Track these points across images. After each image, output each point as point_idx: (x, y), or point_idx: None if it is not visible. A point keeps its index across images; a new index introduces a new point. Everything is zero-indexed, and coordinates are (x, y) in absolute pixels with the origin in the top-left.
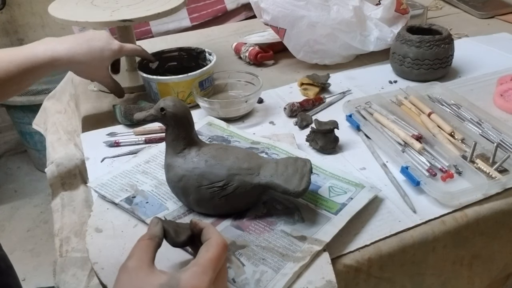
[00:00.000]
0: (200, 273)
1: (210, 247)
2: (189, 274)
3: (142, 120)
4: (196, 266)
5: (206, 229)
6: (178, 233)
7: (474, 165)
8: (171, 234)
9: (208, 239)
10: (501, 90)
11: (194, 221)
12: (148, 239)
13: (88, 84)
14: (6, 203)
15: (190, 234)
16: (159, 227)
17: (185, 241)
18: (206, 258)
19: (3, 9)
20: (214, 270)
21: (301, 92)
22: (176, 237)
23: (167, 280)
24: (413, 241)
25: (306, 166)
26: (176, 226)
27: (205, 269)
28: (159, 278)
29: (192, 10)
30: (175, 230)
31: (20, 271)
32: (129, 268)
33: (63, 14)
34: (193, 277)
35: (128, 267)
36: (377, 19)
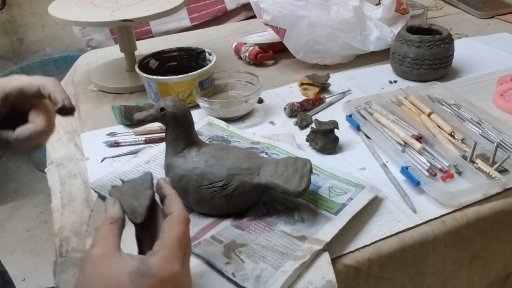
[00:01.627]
0: (169, 257)
1: (173, 224)
2: (158, 258)
3: (142, 120)
4: (164, 249)
5: (169, 199)
6: (135, 212)
7: (474, 165)
8: (128, 216)
9: (170, 212)
10: (501, 90)
11: (159, 183)
12: (110, 224)
13: (88, 84)
14: (6, 203)
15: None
16: (118, 207)
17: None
18: (172, 238)
19: (3, 9)
20: (181, 249)
21: (301, 92)
22: (133, 218)
23: (137, 267)
24: (413, 241)
25: (306, 166)
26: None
27: (174, 252)
28: (128, 265)
29: (192, 10)
30: (131, 208)
31: (20, 271)
32: (94, 257)
33: (63, 14)
34: (164, 261)
35: (93, 255)
36: (377, 19)
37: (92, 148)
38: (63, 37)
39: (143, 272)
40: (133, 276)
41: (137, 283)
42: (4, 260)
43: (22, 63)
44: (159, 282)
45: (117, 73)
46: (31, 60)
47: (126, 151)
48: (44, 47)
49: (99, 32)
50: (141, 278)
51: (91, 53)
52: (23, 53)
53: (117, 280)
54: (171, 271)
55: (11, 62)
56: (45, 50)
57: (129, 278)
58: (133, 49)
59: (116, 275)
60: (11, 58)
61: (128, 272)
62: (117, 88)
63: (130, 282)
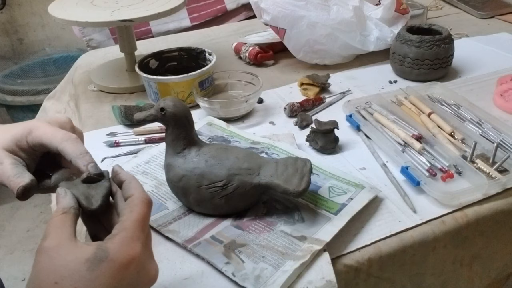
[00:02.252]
0: (130, 239)
1: (134, 206)
2: (118, 242)
3: (142, 120)
4: (124, 231)
5: (128, 183)
6: (90, 199)
7: (474, 165)
8: (82, 202)
9: (130, 195)
10: (501, 90)
11: (115, 170)
12: (62, 214)
13: (88, 84)
14: (6, 203)
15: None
16: (69, 196)
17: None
18: (132, 220)
19: (3, 9)
20: (143, 231)
21: (301, 92)
22: (88, 204)
23: (93, 253)
24: (413, 241)
25: (306, 166)
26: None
27: (135, 233)
28: (84, 252)
29: (192, 10)
30: (86, 196)
31: (20, 271)
32: (47, 249)
33: (63, 14)
34: (124, 244)
35: (45, 247)
36: (377, 19)
37: (92, 148)
38: (63, 37)
39: (101, 257)
40: (90, 263)
41: (95, 269)
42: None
43: (22, 63)
44: (119, 267)
45: (117, 73)
46: (31, 60)
47: (126, 151)
48: (44, 47)
49: (99, 32)
50: (98, 263)
51: (91, 53)
52: (23, 53)
53: (73, 269)
54: (132, 255)
55: (11, 62)
56: (45, 50)
57: (86, 266)
58: (133, 49)
59: (70, 264)
60: (11, 58)
61: (84, 259)
62: (117, 88)
63: (87, 269)
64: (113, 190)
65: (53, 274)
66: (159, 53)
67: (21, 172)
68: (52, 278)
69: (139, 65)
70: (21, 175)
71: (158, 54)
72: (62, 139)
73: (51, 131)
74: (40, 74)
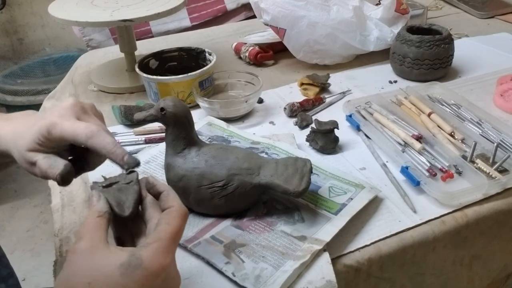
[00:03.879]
0: (163, 250)
1: (172, 219)
2: (152, 251)
3: (142, 120)
4: (159, 242)
5: (166, 194)
6: (122, 205)
7: (474, 165)
8: (114, 209)
9: (168, 207)
10: (501, 90)
11: (151, 181)
12: (97, 217)
13: (88, 84)
14: (6, 203)
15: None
16: (103, 201)
17: (133, 212)
18: (168, 232)
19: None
20: (176, 244)
21: (301, 92)
22: (120, 210)
23: (127, 259)
24: (413, 241)
25: (306, 166)
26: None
27: (168, 245)
28: (119, 257)
29: (192, 10)
30: (118, 202)
31: (20, 271)
32: (81, 250)
33: (63, 14)
34: (157, 254)
35: (79, 249)
36: (377, 19)
37: None
38: (63, 37)
39: (135, 264)
40: (124, 269)
41: (128, 275)
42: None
43: (22, 63)
44: (151, 275)
45: (117, 73)
46: (31, 60)
47: None
48: (44, 47)
49: (99, 32)
50: (132, 270)
51: (91, 53)
52: (23, 53)
53: (106, 273)
54: (163, 264)
55: (11, 62)
56: (45, 50)
57: (120, 271)
58: (133, 49)
59: (104, 268)
60: (11, 58)
61: (118, 265)
62: (117, 88)
63: (121, 274)
64: (142, 195)
65: (87, 275)
66: (159, 53)
67: (53, 162)
68: (86, 279)
69: (139, 65)
70: (54, 164)
71: (158, 54)
72: (86, 137)
73: (71, 127)
74: (40, 74)
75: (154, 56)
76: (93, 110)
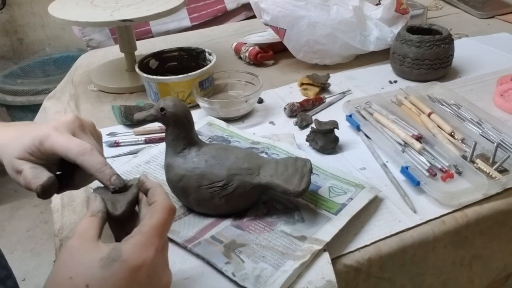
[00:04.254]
0: (144, 243)
1: (154, 212)
2: (132, 244)
3: (142, 120)
4: (139, 235)
5: (152, 190)
6: (116, 205)
7: (474, 165)
8: (108, 208)
9: (153, 202)
10: (501, 90)
11: (141, 179)
12: (90, 216)
13: (88, 84)
14: (6, 203)
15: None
16: (99, 201)
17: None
18: (150, 225)
19: (3, 9)
20: (160, 237)
21: (301, 92)
22: (113, 209)
23: (108, 253)
24: (413, 241)
25: (306, 166)
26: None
27: (150, 238)
28: (100, 251)
29: (192, 10)
30: (113, 201)
31: (20, 271)
32: (70, 247)
33: (63, 14)
34: (137, 247)
35: (69, 246)
36: (377, 19)
37: None
38: (63, 37)
39: (114, 257)
40: (103, 262)
41: (107, 268)
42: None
43: (22, 63)
44: (130, 269)
45: (117, 73)
46: (31, 60)
47: (126, 151)
48: (44, 47)
49: (99, 32)
50: (111, 262)
51: (91, 53)
52: (23, 53)
53: (87, 266)
54: (144, 258)
55: (11, 62)
56: (45, 50)
57: (99, 264)
58: (133, 49)
59: (86, 261)
60: (11, 58)
61: (99, 258)
62: (117, 88)
63: (100, 267)
64: (139, 198)
65: (69, 270)
66: (159, 53)
67: (39, 173)
68: (68, 273)
69: (139, 65)
70: (39, 175)
71: (158, 54)
72: (78, 153)
73: (64, 142)
74: (40, 74)
75: (154, 56)
76: (91, 128)
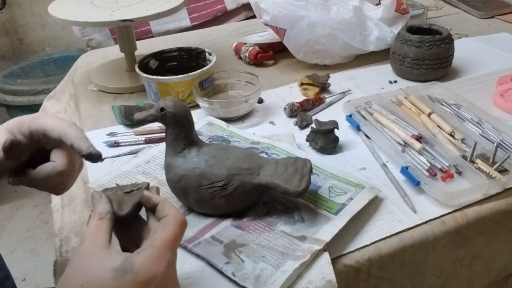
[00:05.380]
0: (156, 257)
1: (167, 226)
2: (144, 257)
3: (142, 120)
4: (152, 248)
5: (162, 205)
6: (122, 205)
7: (474, 165)
8: (113, 207)
9: (164, 216)
10: (501, 90)
11: (146, 195)
12: (99, 219)
13: (88, 84)
14: (6, 203)
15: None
16: (104, 200)
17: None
18: (163, 239)
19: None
20: (172, 251)
21: (301, 92)
22: (118, 209)
23: (120, 264)
24: (413, 241)
25: (306, 166)
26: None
27: (162, 252)
28: (113, 261)
29: (192, 10)
30: (119, 201)
31: (20, 271)
32: (82, 252)
33: (63, 14)
34: (149, 260)
35: (81, 251)
36: (377, 19)
37: None
38: (63, 37)
39: (126, 268)
40: (116, 273)
41: (119, 279)
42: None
43: (22, 63)
44: (141, 282)
45: (117, 73)
46: (31, 60)
47: (126, 151)
48: (44, 47)
49: (99, 32)
50: (123, 274)
51: (91, 53)
52: (23, 53)
53: (99, 276)
54: (155, 272)
55: (11, 62)
56: (45, 50)
57: (111, 274)
58: (133, 49)
59: (98, 270)
60: (11, 58)
61: (111, 268)
62: (117, 88)
63: (112, 278)
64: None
65: (81, 277)
66: (159, 53)
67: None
68: (79, 281)
69: (139, 65)
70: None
71: (158, 54)
72: (65, 125)
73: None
74: (40, 74)
75: (154, 56)
76: None
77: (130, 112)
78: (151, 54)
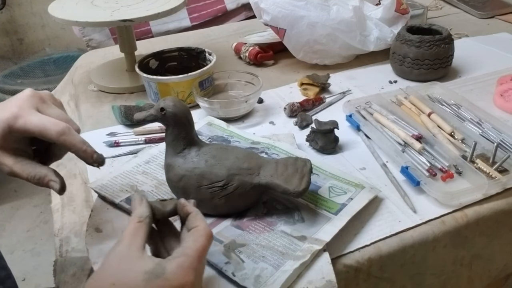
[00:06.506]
0: (187, 265)
1: (198, 237)
2: (176, 264)
3: (142, 120)
4: (184, 257)
5: (193, 216)
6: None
7: (474, 165)
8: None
9: (195, 226)
10: (501, 90)
11: (182, 202)
12: (138, 222)
13: (88, 84)
14: (6, 203)
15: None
16: (145, 205)
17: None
18: (194, 249)
19: (3, 9)
20: (200, 261)
21: (301, 92)
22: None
23: (152, 268)
24: (413, 241)
25: (306, 166)
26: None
27: (193, 261)
28: (146, 264)
29: (192, 10)
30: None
31: (20, 271)
32: (117, 252)
33: (63, 14)
34: (180, 268)
35: (117, 251)
36: (377, 19)
37: None
38: (63, 37)
39: (158, 273)
40: (147, 276)
41: (150, 283)
42: None
43: (22, 63)
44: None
45: (117, 73)
46: (31, 60)
47: (126, 151)
48: (44, 47)
49: (99, 32)
50: (154, 278)
51: (91, 53)
52: (23, 53)
53: (131, 277)
54: (186, 280)
55: (11, 62)
56: (45, 50)
57: (143, 277)
58: (133, 49)
59: (130, 272)
60: (11, 58)
61: (143, 271)
62: (117, 88)
63: (143, 280)
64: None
65: (113, 276)
66: (159, 53)
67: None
68: (111, 279)
69: (139, 65)
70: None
71: (158, 54)
72: (58, 134)
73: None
74: (40, 74)
75: (154, 56)
76: (51, 99)
77: (130, 112)
78: (151, 54)
